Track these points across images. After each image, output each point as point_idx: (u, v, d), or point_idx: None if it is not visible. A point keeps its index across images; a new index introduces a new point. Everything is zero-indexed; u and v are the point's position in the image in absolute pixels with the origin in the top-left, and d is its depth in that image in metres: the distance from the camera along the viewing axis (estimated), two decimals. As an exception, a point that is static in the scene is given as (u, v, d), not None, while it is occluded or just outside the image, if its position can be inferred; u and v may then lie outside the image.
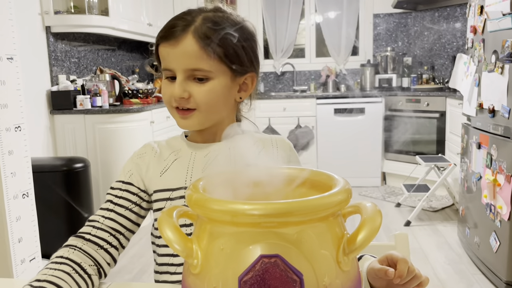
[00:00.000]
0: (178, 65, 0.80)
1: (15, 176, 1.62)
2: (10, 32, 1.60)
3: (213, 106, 0.83)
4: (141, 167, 0.88)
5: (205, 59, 0.79)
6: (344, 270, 0.49)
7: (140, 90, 3.48)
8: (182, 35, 0.79)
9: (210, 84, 0.81)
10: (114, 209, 0.84)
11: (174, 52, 0.80)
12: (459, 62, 2.93)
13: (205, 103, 0.82)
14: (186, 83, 0.81)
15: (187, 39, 0.79)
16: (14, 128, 1.62)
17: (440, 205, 3.38)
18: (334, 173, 0.57)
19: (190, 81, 0.81)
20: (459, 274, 2.29)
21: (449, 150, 3.41)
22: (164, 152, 0.89)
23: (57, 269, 0.70)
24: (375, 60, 4.46)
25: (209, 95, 0.81)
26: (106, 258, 0.79)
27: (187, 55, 0.79)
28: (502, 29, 2.01)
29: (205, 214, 0.50)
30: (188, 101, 0.81)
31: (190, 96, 0.81)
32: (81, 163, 2.49)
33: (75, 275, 0.71)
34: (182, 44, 0.79)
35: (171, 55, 0.81)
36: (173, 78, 0.82)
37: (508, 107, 1.97)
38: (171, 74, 0.82)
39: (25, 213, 1.67)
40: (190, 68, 0.80)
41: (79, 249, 0.76)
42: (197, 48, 0.79)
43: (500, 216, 2.03)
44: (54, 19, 2.90)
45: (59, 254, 0.74)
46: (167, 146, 0.91)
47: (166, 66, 0.82)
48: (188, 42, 0.79)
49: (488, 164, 2.14)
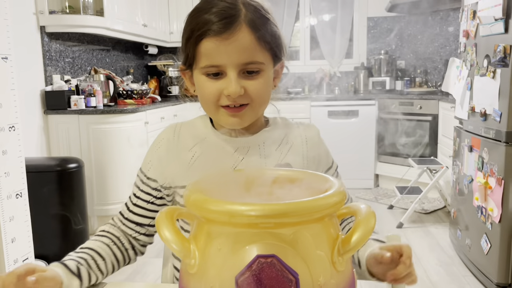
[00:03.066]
0: (230, 60, 0.73)
1: (9, 176, 1.61)
2: (5, 32, 1.60)
3: (264, 98, 0.79)
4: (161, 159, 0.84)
5: (259, 51, 0.74)
6: (338, 270, 0.50)
7: (135, 90, 3.48)
8: (235, 26, 0.71)
9: (262, 76, 0.76)
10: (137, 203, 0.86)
11: (226, 46, 0.72)
12: (451, 66, 2.96)
13: (259, 97, 0.76)
14: (239, 78, 0.74)
15: (241, 31, 0.72)
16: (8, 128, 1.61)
17: (432, 207, 3.40)
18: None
19: (241, 75, 0.74)
20: (450, 276, 2.31)
21: (441, 153, 3.44)
22: (188, 142, 0.84)
23: (98, 240, 0.82)
24: (369, 63, 4.48)
25: (262, 88, 0.76)
26: (140, 240, 0.86)
27: (242, 48, 0.72)
28: (494, 34, 2.03)
29: (202, 215, 0.50)
30: (242, 97, 0.75)
31: (244, 91, 0.74)
32: (75, 164, 2.48)
33: (113, 247, 0.82)
34: (237, 36, 0.71)
35: (222, 49, 0.72)
36: (215, 75, 0.75)
37: (499, 111, 1.99)
38: (217, 70, 0.74)
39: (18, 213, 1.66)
40: (245, 62, 0.73)
41: (118, 227, 0.86)
42: (252, 40, 0.72)
43: (491, 219, 2.05)
44: (49, 19, 2.88)
45: (101, 229, 0.85)
46: (191, 132, 0.86)
47: (213, 62, 0.74)
48: (242, 34, 0.72)
49: (480, 167, 2.17)
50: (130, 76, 4.04)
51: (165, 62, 4.47)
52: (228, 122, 0.78)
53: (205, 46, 0.73)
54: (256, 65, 0.74)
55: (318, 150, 0.87)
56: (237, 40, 0.72)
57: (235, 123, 0.78)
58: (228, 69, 0.73)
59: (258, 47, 0.73)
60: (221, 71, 0.74)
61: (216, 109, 0.78)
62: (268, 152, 0.83)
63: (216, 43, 0.72)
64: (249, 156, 0.82)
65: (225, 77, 0.74)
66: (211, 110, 0.79)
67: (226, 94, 0.74)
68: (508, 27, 1.92)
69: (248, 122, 0.79)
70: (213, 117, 0.82)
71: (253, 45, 0.73)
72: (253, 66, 0.74)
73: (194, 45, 0.75)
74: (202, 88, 0.77)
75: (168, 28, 4.30)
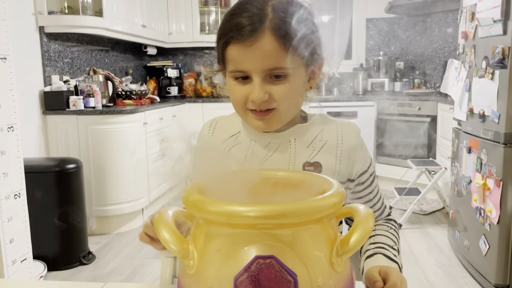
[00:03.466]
0: (255, 67, 0.73)
1: (7, 176, 1.61)
2: (4, 32, 1.60)
3: (292, 102, 0.78)
4: (195, 154, 0.88)
5: (284, 56, 0.72)
6: (337, 271, 0.50)
7: (134, 91, 3.48)
8: (258, 33, 0.71)
9: (289, 81, 0.75)
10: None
11: (250, 53, 0.72)
12: (450, 67, 2.97)
13: (285, 101, 0.76)
14: (264, 84, 0.74)
15: (264, 38, 0.71)
16: (6, 128, 1.61)
17: (430, 209, 3.41)
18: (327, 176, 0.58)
19: (267, 80, 0.74)
20: (449, 277, 2.31)
21: (440, 154, 3.44)
22: (222, 135, 0.86)
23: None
24: (367, 64, 4.49)
25: (288, 92, 0.75)
26: None
27: (266, 55, 0.72)
28: (493, 36, 2.04)
29: (201, 216, 0.50)
30: (268, 102, 0.75)
31: (269, 96, 0.75)
32: (73, 164, 2.48)
33: None
34: (260, 43, 0.71)
35: (246, 56, 0.73)
36: (244, 78, 0.76)
37: (498, 112, 1.99)
38: (243, 75, 0.75)
39: (16, 213, 1.66)
40: (269, 68, 0.73)
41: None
42: (276, 46, 0.71)
43: (489, 220, 2.06)
44: (48, 19, 2.88)
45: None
46: (227, 126, 0.87)
47: (239, 68, 0.75)
48: (266, 41, 0.71)
49: (478, 169, 2.17)
50: (129, 76, 4.04)
51: (164, 63, 4.47)
52: (255, 125, 0.80)
53: (231, 51, 0.74)
54: (281, 70, 0.74)
55: (354, 151, 0.83)
56: (260, 47, 0.71)
57: (262, 127, 0.79)
58: (253, 74, 0.74)
59: (283, 53, 0.72)
60: (248, 75, 0.75)
61: (244, 111, 0.79)
62: (298, 149, 0.82)
63: (240, 49, 0.73)
64: (279, 152, 0.82)
65: (251, 82, 0.75)
66: (240, 112, 0.81)
67: (251, 99, 0.75)
68: (506, 28, 1.93)
69: (275, 126, 0.80)
70: (243, 119, 0.83)
71: (277, 51, 0.72)
72: (279, 72, 0.74)
73: (222, 50, 0.76)
74: (232, 92, 0.79)
75: (167, 29, 4.30)
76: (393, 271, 0.68)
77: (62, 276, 2.38)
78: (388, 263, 0.73)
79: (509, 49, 1.91)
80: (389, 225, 0.88)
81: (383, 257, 0.75)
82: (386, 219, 0.91)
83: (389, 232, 0.85)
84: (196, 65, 1.16)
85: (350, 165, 0.83)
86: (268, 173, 0.63)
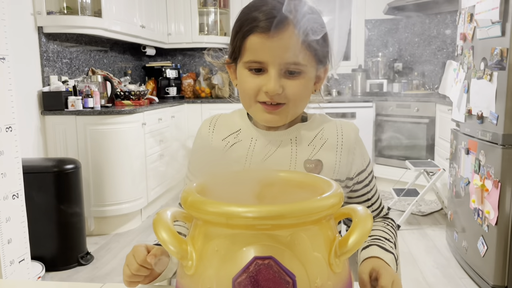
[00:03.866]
0: (274, 59, 0.74)
1: (5, 176, 1.61)
2: (2, 32, 1.60)
3: (301, 100, 0.80)
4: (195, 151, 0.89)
5: (302, 53, 0.74)
6: (335, 272, 0.50)
7: (132, 91, 3.47)
8: (283, 25, 0.73)
9: (302, 78, 0.77)
10: None
11: (271, 43, 0.73)
12: (448, 69, 2.97)
13: (296, 98, 0.78)
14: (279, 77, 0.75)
15: (288, 31, 0.73)
16: (5, 128, 1.61)
17: (429, 210, 3.41)
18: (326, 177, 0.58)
19: (281, 74, 0.76)
20: (447, 278, 2.31)
21: (438, 155, 3.45)
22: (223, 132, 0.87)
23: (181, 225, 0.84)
24: (366, 65, 4.49)
25: (300, 89, 0.77)
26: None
27: (286, 48, 0.73)
28: (491, 37, 2.04)
29: (200, 216, 0.50)
30: (280, 96, 0.76)
31: (282, 90, 0.76)
32: (72, 164, 2.48)
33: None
34: (283, 35, 0.73)
35: (266, 46, 0.74)
36: (257, 71, 0.77)
37: (496, 113, 2.00)
38: (259, 66, 0.76)
39: (15, 214, 1.66)
40: (287, 61, 0.74)
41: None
42: (297, 41, 0.73)
43: (487, 221, 2.06)
44: (47, 19, 2.88)
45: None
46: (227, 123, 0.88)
47: (257, 58, 0.75)
48: (288, 34, 0.73)
49: (476, 170, 2.17)
50: (128, 77, 4.04)
51: (163, 64, 4.47)
52: (263, 118, 0.80)
53: (251, 41, 0.75)
54: (298, 66, 0.75)
55: (353, 149, 0.85)
56: (282, 39, 0.73)
57: (270, 120, 0.80)
58: (270, 66, 0.75)
59: (302, 49, 0.74)
60: (263, 67, 0.76)
61: (253, 104, 0.80)
62: (299, 147, 0.83)
63: (262, 39, 0.74)
64: (280, 150, 0.83)
65: (266, 73, 0.76)
66: (248, 105, 0.81)
67: (265, 90, 0.76)
68: (505, 30, 1.93)
69: (282, 121, 0.81)
70: (249, 112, 0.84)
71: (298, 46, 0.73)
72: (295, 67, 0.75)
73: (241, 39, 0.77)
74: (243, 82, 0.79)
75: (166, 29, 4.30)
76: (385, 272, 0.67)
77: (60, 276, 2.38)
78: (383, 253, 0.74)
79: (507, 50, 1.91)
80: (386, 222, 0.89)
81: (378, 248, 0.75)
82: (384, 217, 0.92)
83: (385, 228, 0.86)
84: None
85: (349, 162, 0.85)
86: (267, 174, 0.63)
